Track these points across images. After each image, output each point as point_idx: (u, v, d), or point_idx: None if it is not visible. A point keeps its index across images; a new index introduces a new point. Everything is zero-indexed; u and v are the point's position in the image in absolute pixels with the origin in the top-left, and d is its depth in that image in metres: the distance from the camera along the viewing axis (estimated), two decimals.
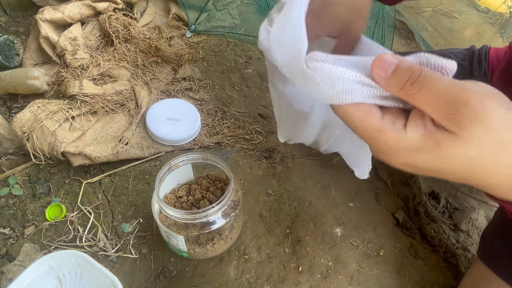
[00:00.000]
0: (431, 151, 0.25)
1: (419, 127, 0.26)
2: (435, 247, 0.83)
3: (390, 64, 0.26)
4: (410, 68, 0.25)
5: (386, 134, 0.26)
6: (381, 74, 0.26)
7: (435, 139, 0.25)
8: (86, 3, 1.06)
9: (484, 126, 0.23)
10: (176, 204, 0.69)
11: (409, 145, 0.26)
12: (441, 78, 0.25)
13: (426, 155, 0.26)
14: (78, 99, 0.86)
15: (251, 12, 1.42)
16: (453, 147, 0.24)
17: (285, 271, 0.71)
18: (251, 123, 1.00)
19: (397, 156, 0.27)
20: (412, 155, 0.26)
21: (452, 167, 0.26)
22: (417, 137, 0.25)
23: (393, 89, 0.26)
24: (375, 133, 0.27)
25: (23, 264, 0.67)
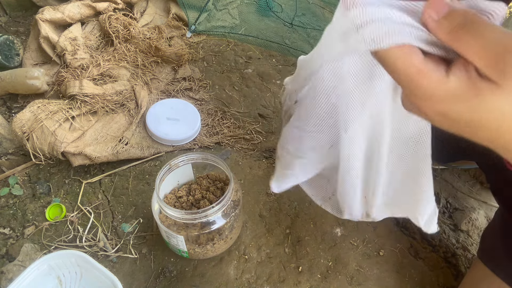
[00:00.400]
0: (470, 100, 0.24)
1: (462, 75, 0.24)
2: (435, 247, 0.83)
3: (443, 6, 0.25)
4: (464, 12, 0.24)
5: (428, 76, 0.25)
6: (433, 15, 0.25)
7: (477, 88, 0.24)
8: (86, 3, 1.06)
9: None
10: (176, 204, 0.69)
11: (450, 91, 0.25)
12: (494, 27, 0.23)
13: (464, 103, 0.25)
14: (78, 99, 0.86)
15: (251, 12, 1.42)
16: (493, 98, 0.23)
17: (285, 271, 0.71)
18: (251, 123, 1.00)
19: (433, 101, 0.26)
20: (450, 101, 0.25)
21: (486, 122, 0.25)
22: (460, 84, 0.24)
23: (442, 33, 0.25)
24: (416, 75, 0.25)
25: (23, 264, 0.67)
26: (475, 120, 0.25)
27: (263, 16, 1.42)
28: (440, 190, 0.97)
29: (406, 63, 0.25)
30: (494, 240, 0.64)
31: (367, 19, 0.26)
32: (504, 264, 0.61)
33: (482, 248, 0.68)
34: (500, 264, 0.61)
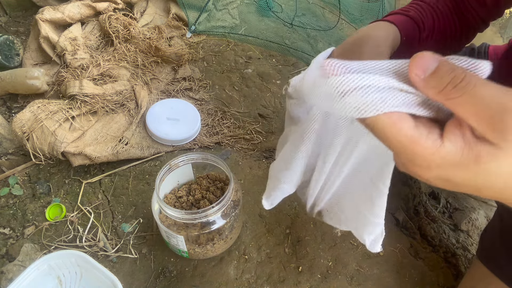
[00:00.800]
0: (469, 166, 0.23)
1: (458, 138, 0.23)
2: (435, 247, 0.83)
3: (430, 63, 0.24)
4: (453, 70, 0.23)
5: (421, 144, 0.24)
6: (419, 74, 0.24)
7: (475, 153, 0.23)
8: (86, 3, 1.06)
9: None
10: (176, 204, 0.69)
11: (446, 158, 0.23)
12: (486, 84, 0.22)
13: (464, 169, 0.24)
14: (78, 99, 0.86)
15: (251, 12, 1.42)
16: (495, 162, 0.22)
17: (285, 271, 0.71)
18: (251, 123, 1.00)
19: (431, 169, 0.25)
20: (448, 168, 0.24)
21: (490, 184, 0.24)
22: (456, 150, 0.23)
23: (431, 92, 0.24)
24: (409, 144, 0.24)
25: (23, 264, 0.67)
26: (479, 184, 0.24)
27: (263, 16, 1.42)
28: (440, 190, 0.97)
29: (397, 132, 0.24)
30: (493, 240, 0.64)
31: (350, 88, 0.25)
32: (502, 264, 0.61)
33: (481, 248, 0.68)
34: (498, 264, 0.61)
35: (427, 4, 0.61)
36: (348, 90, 0.25)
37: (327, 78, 0.26)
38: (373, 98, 0.24)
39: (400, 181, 0.95)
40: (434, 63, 0.23)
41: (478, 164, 0.23)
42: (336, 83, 0.25)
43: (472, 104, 0.22)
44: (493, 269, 0.61)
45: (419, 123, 0.25)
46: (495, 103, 0.21)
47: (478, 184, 0.24)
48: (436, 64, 0.23)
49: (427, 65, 0.24)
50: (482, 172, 0.23)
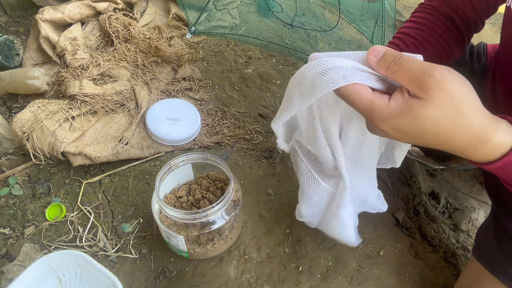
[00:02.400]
0: (407, 114, 0.33)
1: (399, 97, 0.34)
2: (435, 247, 0.83)
3: (380, 51, 0.36)
4: (393, 54, 0.35)
5: (376, 103, 0.35)
6: (373, 59, 0.36)
7: (410, 105, 0.33)
8: (86, 3, 1.06)
9: (443, 92, 0.32)
10: (176, 204, 0.69)
11: (392, 110, 0.34)
12: (415, 60, 0.34)
13: (405, 118, 0.34)
14: (78, 99, 0.86)
15: (251, 12, 1.42)
16: (422, 110, 0.33)
17: (285, 271, 0.71)
18: (251, 123, 1.00)
19: (384, 120, 0.35)
20: (395, 118, 0.34)
21: (424, 128, 0.33)
22: (398, 104, 0.34)
23: (381, 69, 0.36)
24: (368, 104, 0.35)
25: (23, 264, 0.67)
26: (418, 128, 0.34)
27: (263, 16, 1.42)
28: (440, 190, 0.97)
29: (359, 96, 0.35)
30: (488, 237, 0.65)
31: (327, 67, 0.37)
32: (497, 261, 0.61)
33: (476, 245, 0.68)
34: (494, 262, 0.62)
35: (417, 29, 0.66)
36: (326, 69, 0.37)
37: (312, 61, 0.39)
38: (344, 73, 0.36)
39: (400, 181, 0.95)
40: (382, 51, 0.36)
41: (412, 111, 0.33)
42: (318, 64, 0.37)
43: (405, 72, 0.33)
44: (488, 266, 0.62)
45: (375, 91, 0.36)
46: (420, 70, 0.33)
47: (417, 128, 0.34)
48: (384, 51, 0.36)
49: (377, 52, 0.36)
50: (416, 118, 0.33)
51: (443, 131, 0.33)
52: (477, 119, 0.33)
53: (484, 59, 0.77)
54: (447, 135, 0.34)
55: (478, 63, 0.76)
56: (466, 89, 0.33)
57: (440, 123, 0.33)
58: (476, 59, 0.77)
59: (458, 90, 0.32)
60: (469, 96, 0.33)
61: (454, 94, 0.32)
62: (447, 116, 0.32)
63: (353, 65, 0.37)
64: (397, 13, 1.62)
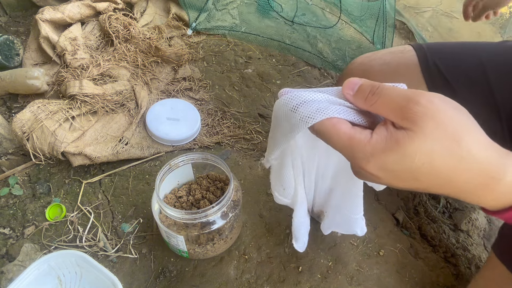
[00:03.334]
0: (394, 149, 0.28)
1: (382, 130, 0.29)
2: (435, 247, 0.83)
3: (355, 83, 0.32)
4: (371, 84, 0.31)
5: (356, 138, 0.30)
6: (349, 92, 0.32)
7: (395, 138, 0.28)
8: (86, 3, 1.06)
9: (434, 120, 0.27)
10: (176, 204, 0.69)
11: (375, 146, 0.29)
12: (395, 88, 0.30)
13: (391, 154, 0.28)
14: (78, 99, 0.86)
15: (251, 12, 1.42)
16: (411, 143, 0.27)
17: (285, 271, 0.71)
18: (251, 123, 1.00)
19: (368, 159, 0.29)
20: (380, 155, 0.29)
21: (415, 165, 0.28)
22: (381, 139, 0.29)
23: (359, 102, 0.32)
24: (347, 140, 0.30)
25: (23, 264, 0.67)
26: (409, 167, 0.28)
27: (263, 16, 1.42)
28: None
29: (336, 131, 0.31)
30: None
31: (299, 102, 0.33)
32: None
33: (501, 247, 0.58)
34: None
35: None
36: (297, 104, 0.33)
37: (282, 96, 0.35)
38: (317, 107, 0.32)
39: None
40: (358, 83, 0.32)
41: (399, 145, 0.28)
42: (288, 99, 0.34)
43: (386, 102, 0.29)
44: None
45: (355, 126, 0.32)
46: (403, 98, 0.28)
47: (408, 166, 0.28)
48: (360, 83, 0.32)
49: (353, 84, 0.32)
50: (405, 154, 0.28)
51: (439, 168, 0.27)
52: (481, 150, 0.27)
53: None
54: (446, 173, 0.28)
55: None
56: (462, 116, 0.28)
57: (434, 158, 0.27)
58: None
59: (452, 117, 0.27)
60: (466, 123, 0.28)
61: (448, 122, 0.27)
62: (441, 148, 0.27)
63: (328, 99, 0.33)
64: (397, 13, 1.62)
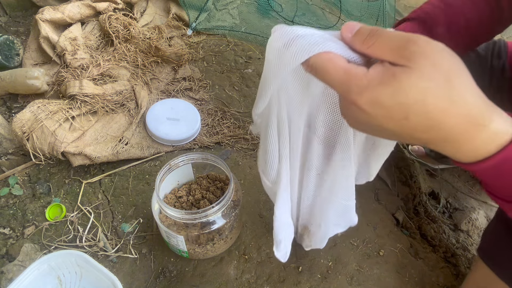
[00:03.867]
0: (390, 82, 0.28)
1: (379, 65, 0.29)
2: (435, 247, 0.83)
3: (355, 26, 0.32)
4: (371, 27, 0.31)
5: (352, 72, 0.30)
6: (347, 34, 0.32)
7: (392, 72, 0.28)
8: (86, 3, 1.06)
9: (431, 59, 0.27)
10: (176, 204, 0.69)
11: (372, 79, 0.29)
12: (393, 31, 0.30)
13: (386, 87, 0.28)
14: (78, 99, 0.86)
15: (251, 12, 1.42)
16: (407, 77, 0.27)
17: (285, 271, 0.71)
18: (251, 123, 1.00)
19: (362, 92, 0.29)
20: (375, 88, 0.29)
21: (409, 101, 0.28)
22: (378, 72, 0.29)
23: (357, 44, 0.31)
24: (344, 74, 0.30)
25: (23, 264, 0.67)
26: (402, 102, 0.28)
27: (263, 16, 1.42)
28: (440, 190, 0.97)
29: (333, 66, 0.30)
30: (496, 240, 0.61)
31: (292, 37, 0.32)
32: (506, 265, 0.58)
33: (483, 248, 0.64)
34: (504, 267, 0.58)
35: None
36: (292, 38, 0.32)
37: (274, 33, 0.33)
38: (313, 40, 0.31)
39: (400, 181, 0.95)
40: (358, 25, 0.32)
41: (395, 79, 0.28)
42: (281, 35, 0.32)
43: (384, 43, 0.29)
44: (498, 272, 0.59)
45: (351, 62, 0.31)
46: (401, 38, 0.28)
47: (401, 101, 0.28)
48: (359, 26, 0.32)
49: (352, 27, 0.32)
50: (401, 88, 0.28)
51: (432, 106, 0.27)
52: (472, 95, 0.28)
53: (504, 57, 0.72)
54: (437, 114, 0.28)
55: (498, 60, 0.72)
56: (456, 59, 0.28)
57: (428, 95, 0.27)
58: (497, 55, 0.72)
59: (448, 59, 0.28)
60: (459, 68, 0.28)
61: (443, 63, 0.27)
62: (436, 87, 0.27)
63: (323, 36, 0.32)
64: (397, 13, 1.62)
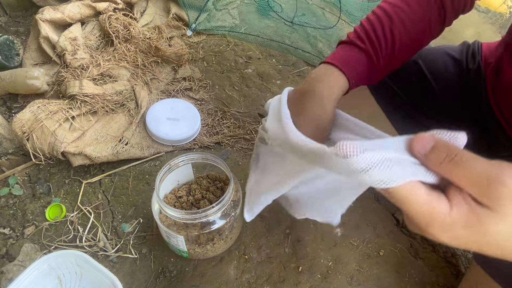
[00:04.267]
0: (474, 227, 0.27)
1: (462, 204, 0.28)
2: (435, 247, 0.83)
3: (428, 142, 0.29)
4: (447, 146, 0.29)
5: (436, 210, 0.28)
6: (420, 151, 0.30)
7: (477, 215, 0.27)
8: (86, 3, 1.06)
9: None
10: (176, 204, 0.69)
11: (456, 221, 0.28)
12: (477, 158, 0.27)
13: (470, 230, 0.28)
14: (78, 99, 0.86)
15: (251, 12, 1.42)
16: (494, 223, 0.27)
17: (285, 271, 0.71)
18: (251, 123, 1.00)
19: (445, 231, 0.28)
20: (458, 230, 0.28)
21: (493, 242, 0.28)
22: (462, 214, 0.28)
23: (432, 165, 0.29)
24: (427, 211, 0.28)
25: (23, 264, 0.67)
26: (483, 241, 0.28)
27: (263, 16, 1.42)
28: None
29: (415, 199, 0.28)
30: None
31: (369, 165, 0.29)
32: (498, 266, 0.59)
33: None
34: (497, 268, 0.60)
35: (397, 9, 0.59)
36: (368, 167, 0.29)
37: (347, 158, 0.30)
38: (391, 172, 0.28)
39: None
40: (431, 142, 0.29)
41: (481, 225, 0.27)
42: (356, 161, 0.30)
43: (467, 175, 0.27)
44: (491, 273, 0.60)
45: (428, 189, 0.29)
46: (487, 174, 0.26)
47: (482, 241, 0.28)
48: (433, 143, 0.29)
49: (426, 142, 0.29)
50: (485, 232, 0.27)
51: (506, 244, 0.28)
52: None
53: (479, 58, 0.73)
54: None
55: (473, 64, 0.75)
56: None
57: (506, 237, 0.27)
58: (471, 58, 0.75)
59: None
60: None
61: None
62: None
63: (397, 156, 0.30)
64: None
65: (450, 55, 0.74)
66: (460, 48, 0.76)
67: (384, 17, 0.58)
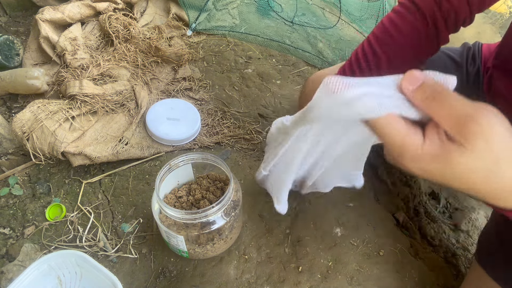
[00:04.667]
0: (442, 159, 0.30)
1: (435, 138, 0.31)
2: (435, 247, 0.83)
3: (418, 79, 0.32)
4: (433, 85, 0.31)
5: (409, 142, 0.31)
6: (408, 87, 0.32)
7: (448, 149, 0.30)
8: (86, 3, 1.06)
9: (486, 142, 0.28)
10: (176, 204, 0.69)
11: (427, 153, 0.30)
12: (457, 97, 0.30)
13: (439, 162, 0.30)
14: (78, 99, 0.86)
15: (251, 12, 1.42)
16: (460, 157, 0.29)
17: (285, 271, 0.71)
18: (251, 123, 1.00)
19: (416, 161, 0.31)
20: (429, 161, 0.31)
21: (458, 175, 0.30)
22: (434, 147, 0.30)
23: (416, 100, 0.32)
24: (400, 141, 0.31)
25: (23, 264, 0.67)
26: (448, 173, 0.31)
27: (263, 16, 1.42)
28: (440, 190, 0.97)
29: (392, 130, 0.32)
30: (491, 243, 0.63)
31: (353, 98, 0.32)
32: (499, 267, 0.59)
33: (479, 250, 0.66)
34: (498, 270, 0.60)
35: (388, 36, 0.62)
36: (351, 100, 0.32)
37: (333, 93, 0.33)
38: (373, 104, 0.31)
39: (400, 181, 0.95)
40: (420, 79, 0.32)
41: (449, 158, 0.30)
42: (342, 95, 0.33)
43: (445, 111, 0.30)
44: (492, 274, 0.60)
45: (407, 122, 0.32)
46: (463, 112, 0.29)
47: (448, 174, 0.31)
48: (422, 80, 0.32)
49: (414, 80, 0.32)
50: (452, 165, 0.30)
51: (473, 180, 0.31)
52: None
53: (479, 61, 0.74)
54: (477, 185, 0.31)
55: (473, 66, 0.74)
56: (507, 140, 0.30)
57: (474, 173, 0.30)
58: (471, 61, 0.74)
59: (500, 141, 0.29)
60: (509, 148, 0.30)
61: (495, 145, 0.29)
62: (483, 167, 0.29)
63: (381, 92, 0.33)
64: None
65: (450, 56, 0.74)
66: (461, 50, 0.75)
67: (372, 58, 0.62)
